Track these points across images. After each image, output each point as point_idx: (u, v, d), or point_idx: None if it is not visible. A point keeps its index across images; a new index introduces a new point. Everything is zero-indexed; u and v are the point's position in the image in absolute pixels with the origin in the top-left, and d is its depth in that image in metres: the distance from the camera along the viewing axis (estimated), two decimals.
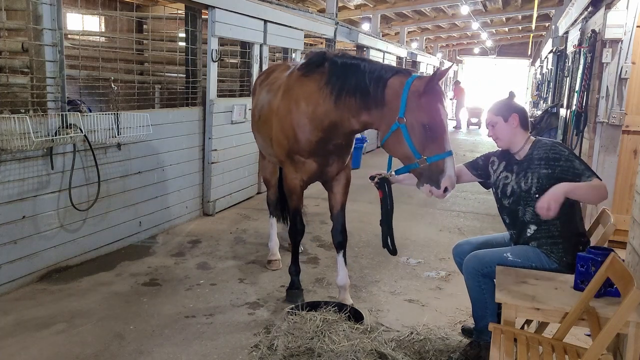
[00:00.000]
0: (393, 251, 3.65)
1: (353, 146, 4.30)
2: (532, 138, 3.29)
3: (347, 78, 3.53)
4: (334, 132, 3.73)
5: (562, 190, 2.92)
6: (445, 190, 3.22)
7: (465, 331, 3.70)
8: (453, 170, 3.23)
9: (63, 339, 3.49)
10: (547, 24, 19.04)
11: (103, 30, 10.70)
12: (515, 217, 3.26)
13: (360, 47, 12.14)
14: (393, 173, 3.51)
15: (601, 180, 3.00)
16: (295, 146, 3.87)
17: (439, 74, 3.24)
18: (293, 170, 3.98)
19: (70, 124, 4.32)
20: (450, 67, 3.37)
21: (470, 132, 20.32)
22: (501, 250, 3.21)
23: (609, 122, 5.35)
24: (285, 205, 5.27)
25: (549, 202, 2.89)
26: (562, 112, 7.95)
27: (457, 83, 22.19)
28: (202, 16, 6.39)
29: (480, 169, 3.52)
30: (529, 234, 3.19)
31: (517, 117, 3.21)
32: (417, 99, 3.21)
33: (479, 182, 3.57)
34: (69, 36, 7.80)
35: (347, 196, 4.21)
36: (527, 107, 21.69)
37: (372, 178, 3.58)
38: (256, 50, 7.29)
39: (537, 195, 3.08)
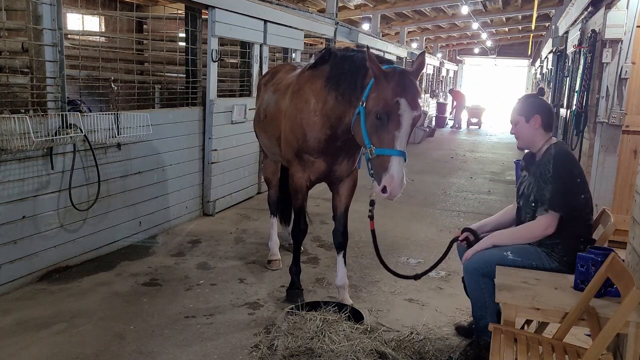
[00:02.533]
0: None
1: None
2: (553, 139, 3.23)
3: (343, 71, 3.53)
4: (340, 127, 3.70)
5: (489, 242, 3.18)
6: (384, 190, 3.07)
7: (460, 329, 3.69)
8: (398, 171, 3.06)
9: (63, 339, 3.49)
10: (547, 24, 19.03)
11: (103, 30, 10.70)
12: (519, 216, 3.32)
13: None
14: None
15: (558, 214, 3.02)
16: (305, 145, 3.86)
17: (415, 69, 3.18)
18: (301, 169, 3.97)
19: (70, 124, 4.32)
20: (423, 54, 3.29)
21: (470, 132, 20.33)
22: (501, 249, 3.21)
23: (609, 122, 5.35)
24: (286, 205, 5.27)
25: (473, 253, 3.17)
26: (562, 112, 7.95)
27: (451, 90, 22.32)
28: (202, 16, 6.39)
29: (524, 185, 3.43)
30: None
31: (539, 119, 3.16)
32: (379, 86, 3.13)
33: None
34: (69, 36, 7.79)
35: (352, 198, 4.21)
36: None
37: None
38: (256, 50, 7.29)
39: (533, 204, 3.15)
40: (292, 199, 4.17)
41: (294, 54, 8.56)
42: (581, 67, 6.11)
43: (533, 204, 3.15)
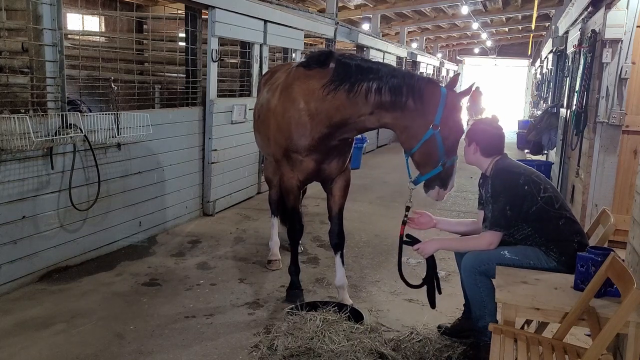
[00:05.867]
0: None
1: (353, 147, 4.29)
2: (497, 157, 3.36)
3: (365, 77, 3.53)
4: (342, 128, 3.71)
5: (435, 247, 3.42)
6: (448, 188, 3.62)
7: (445, 330, 3.67)
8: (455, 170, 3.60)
9: (63, 339, 3.49)
10: (547, 24, 19.02)
11: (103, 30, 10.70)
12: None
13: (360, 47, 12.14)
14: (412, 185, 3.67)
15: (499, 232, 3.17)
16: (293, 144, 3.84)
17: (467, 91, 3.54)
18: (289, 169, 3.97)
19: (70, 124, 4.32)
20: (476, 88, 3.62)
21: None
22: (499, 248, 3.21)
23: (609, 122, 5.35)
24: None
25: (420, 250, 3.41)
26: (562, 112, 7.95)
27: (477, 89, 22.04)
28: (202, 16, 6.38)
29: (482, 199, 3.55)
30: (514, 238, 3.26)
31: (477, 147, 3.35)
32: (452, 109, 3.42)
33: None
34: (69, 36, 7.78)
35: (346, 198, 4.20)
36: (527, 108, 21.62)
37: (409, 240, 3.56)
38: (256, 50, 7.29)
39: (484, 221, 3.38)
40: (284, 199, 4.17)
41: (294, 54, 8.55)
42: (581, 67, 6.10)
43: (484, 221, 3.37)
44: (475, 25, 19.15)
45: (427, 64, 20.17)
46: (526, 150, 11.34)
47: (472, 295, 3.25)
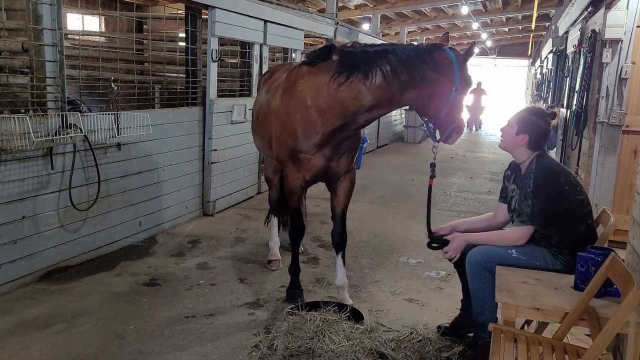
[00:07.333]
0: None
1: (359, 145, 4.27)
2: (537, 153, 3.29)
3: (376, 62, 3.53)
4: (358, 117, 3.69)
5: (463, 240, 3.33)
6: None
7: (443, 330, 3.67)
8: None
9: (63, 339, 3.49)
10: (547, 24, 19.03)
11: (103, 30, 10.70)
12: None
13: None
14: (436, 144, 3.74)
15: (532, 227, 3.13)
16: (300, 144, 3.80)
17: (468, 52, 3.60)
18: (295, 170, 3.94)
19: (70, 124, 4.32)
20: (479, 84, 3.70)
21: (471, 132, 20.31)
22: (506, 246, 3.20)
23: (609, 122, 5.35)
24: (286, 208, 5.25)
25: (450, 253, 3.36)
26: (562, 112, 7.95)
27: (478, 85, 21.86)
28: (202, 16, 6.39)
29: (505, 191, 3.51)
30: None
31: (526, 138, 3.25)
32: (463, 69, 3.57)
33: None
34: (69, 36, 7.78)
35: (350, 199, 4.19)
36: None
37: (434, 245, 3.58)
38: (256, 50, 7.29)
39: (511, 215, 3.34)
40: (287, 199, 4.16)
41: (294, 54, 8.55)
42: (581, 67, 6.11)
43: (511, 214, 3.30)
44: (475, 25, 19.15)
45: None
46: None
47: (475, 290, 3.23)
